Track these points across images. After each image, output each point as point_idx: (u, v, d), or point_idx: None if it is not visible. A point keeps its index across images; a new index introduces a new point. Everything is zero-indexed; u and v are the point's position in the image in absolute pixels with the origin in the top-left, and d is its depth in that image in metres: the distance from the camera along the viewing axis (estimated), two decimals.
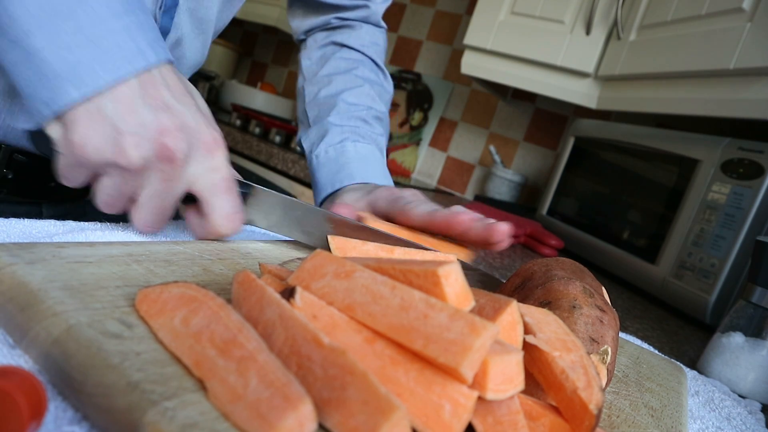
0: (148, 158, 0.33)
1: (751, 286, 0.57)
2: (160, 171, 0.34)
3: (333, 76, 0.65)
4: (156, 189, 0.34)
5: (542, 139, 1.67)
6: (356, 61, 0.67)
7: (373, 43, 0.70)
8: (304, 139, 0.64)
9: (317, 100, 0.65)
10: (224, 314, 0.22)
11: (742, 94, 0.81)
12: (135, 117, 0.32)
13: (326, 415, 0.19)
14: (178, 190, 0.35)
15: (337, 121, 0.61)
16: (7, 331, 0.23)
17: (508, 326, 0.25)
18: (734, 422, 0.43)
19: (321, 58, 0.68)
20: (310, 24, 0.70)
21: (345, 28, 0.69)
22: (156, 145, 0.33)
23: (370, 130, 0.62)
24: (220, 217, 0.37)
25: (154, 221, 0.36)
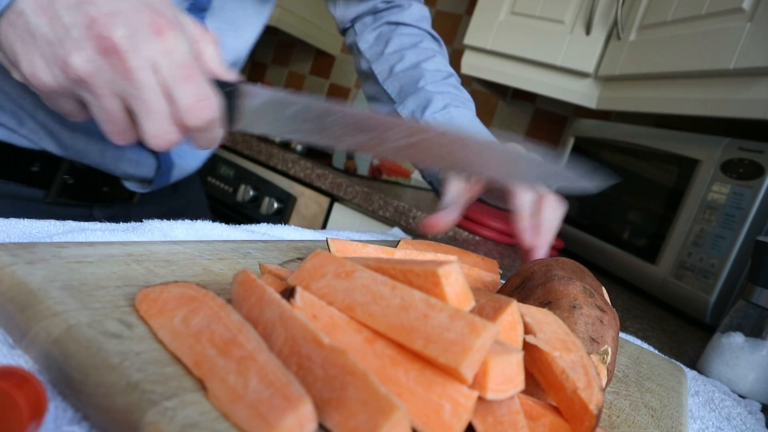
0: (93, 59, 0.30)
1: (751, 286, 0.57)
2: (113, 69, 0.30)
3: (402, 51, 0.67)
4: (127, 90, 0.31)
5: (542, 139, 1.67)
6: (418, 35, 0.69)
7: (423, 17, 0.72)
8: (401, 110, 0.64)
9: (395, 74, 0.66)
10: (224, 314, 0.22)
11: (742, 94, 0.81)
12: (56, 19, 0.30)
13: (326, 415, 0.19)
14: (148, 79, 0.31)
15: (434, 89, 0.62)
16: (7, 331, 0.23)
17: (508, 326, 0.25)
18: (734, 422, 0.43)
19: (379, 37, 0.69)
20: (356, 11, 0.71)
21: (393, 8, 0.71)
22: (92, 39, 0.29)
23: (462, 95, 0.64)
24: (187, 107, 0.32)
25: (156, 128, 0.32)
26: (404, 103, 0.64)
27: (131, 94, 0.31)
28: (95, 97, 0.31)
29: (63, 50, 0.29)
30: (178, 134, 0.33)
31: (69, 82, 0.30)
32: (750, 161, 0.78)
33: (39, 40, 0.30)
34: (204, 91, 0.33)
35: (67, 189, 0.52)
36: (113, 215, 0.58)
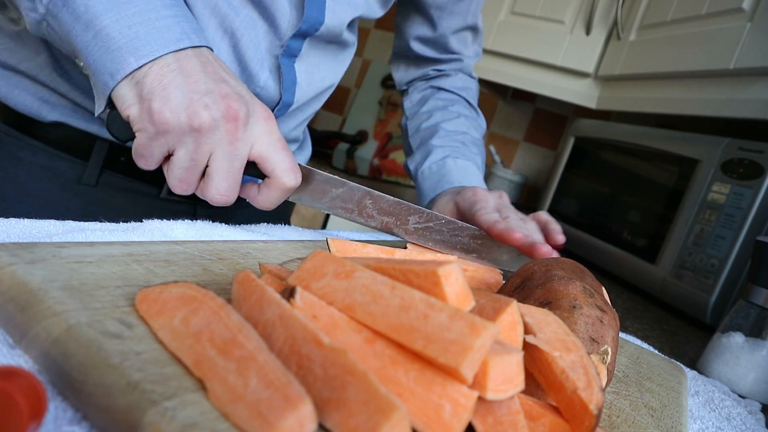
0: (216, 119, 0.37)
1: (751, 286, 0.57)
2: (226, 132, 0.38)
3: (432, 111, 0.76)
4: (225, 151, 0.38)
5: (542, 139, 1.67)
6: (452, 100, 0.79)
7: (466, 87, 0.82)
8: (410, 163, 0.75)
9: (419, 131, 0.76)
10: (224, 314, 0.22)
11: (742, 94, 0.81)
12: (201, 85, 0.38)
13: (326, 415, 0.19)
14: (244, 150, 0.39)
15: (439, 143, 0.71)
16: (7, 331, 0.23)
17: (508, 326, 0.25)
18: (734, 422, 0.43)
19: (421, 100, 0.80)
20: (411, 76, 0.82)
21: (441, 76, 0.81)
22: (222, 107, 0.38)
23: (467, 150, 0.72)
24: (283, 170, 0.41)
25: (227, 188, 0.40)
26: (413, 156, 0.74)
27: (225, 155, 0.39)
28: (197, 146, 0.38)
29: (197, 103, 0.37)
30: (234, 197, 0.41)
31: (186, 127, 0.37)
32: (750, 161, 0.78)
33: (179, 90, 0.37)
34: (294, 161, 0.42)
35: None
36: (213, 214, 0.65)
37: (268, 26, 0.52)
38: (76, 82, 0.53)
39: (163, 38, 0.38)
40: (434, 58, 0.80)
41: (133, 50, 0.37)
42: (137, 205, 0.59)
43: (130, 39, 0.37)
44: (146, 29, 0.37)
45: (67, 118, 0.54)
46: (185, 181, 0.39)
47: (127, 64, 0.37)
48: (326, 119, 2.11)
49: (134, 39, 0.37)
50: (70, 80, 0.53)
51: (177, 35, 0.38)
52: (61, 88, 0.53)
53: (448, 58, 0.80)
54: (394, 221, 0.48)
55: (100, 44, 0.37)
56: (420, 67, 0.81)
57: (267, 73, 0.54)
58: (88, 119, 0.54)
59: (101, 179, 0.57)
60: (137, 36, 0.37)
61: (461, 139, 0.72)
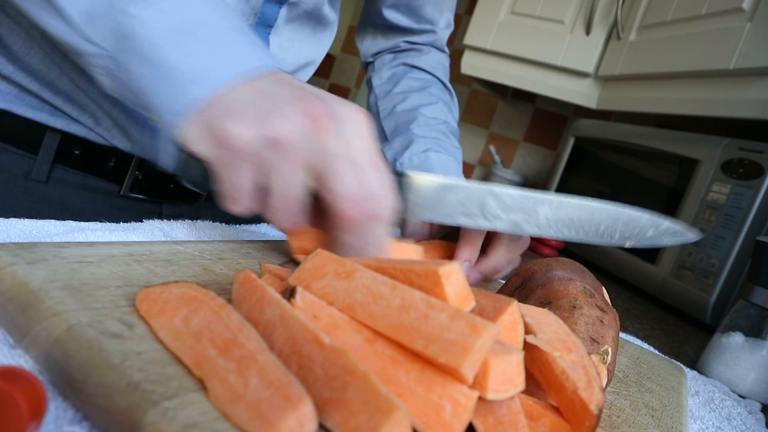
0: (298, 123, 0.31)
1: (751, 286, 0.57)
2: (316, 131, 0.31)
3: (408, 93, 0.70)
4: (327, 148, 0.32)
5: (542, 139, 1.67)
6: (427, 81, 0.72)
7: (440, 64, 0.75)
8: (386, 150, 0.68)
9: (394, 114, 0.69)
10: (225, 314, 0.22)
11: (742, 94, 0.81)
12: (276, 98, 0.32)
13: (327, 415, 0.19)
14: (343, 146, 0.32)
15: (420, 132, 0.65)
16: (7, 331, 0.23)
17: (508, 326, 0.25)
18: (734, 422, 0.43)
19: (392, 77, 0.73)
20: (379, 47, 0.76)
21: (413, 51, 0.75)
22: (300, 108, 0.32)
23: (449, 143, 0.66)
24: (371, 196, 0.32)
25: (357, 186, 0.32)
26: (391, 143, 0.67)
27: (325, 163, 0.32)
28: (284, 160, 0.31)
29: (271, 113, 0.31)
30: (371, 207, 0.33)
31: (266, 140, 0.31)
32: (750, 161, 0.78)
33: (249, 107, 0.32)
34: (390, 182, 0.33)
35: (138, 184, 0.56)
36: (181, 214, 0.61)
37: None
38: (21, 62, 0.47)
39: (230, 63, 0.33)
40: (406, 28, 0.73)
41: (198, 79, 0.33)
42: (94, 204, 0.54)
43: (197, 69, 0.33)
44: (212, 57, 0.33)
45: (10, 105, 0.48)
46: (291, 209, 0.33)
47: (190, 93, 0.32)
48: None
49: (201, 68, 0.33)
50: (14, 60, 0.47)
51: (246, 57, 0.34)
52: (2, 70, 0.47)
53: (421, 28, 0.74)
54: (523, 217, 0.41)
55: (159, 76, 0.33)
56: (389, 37, 0.75)
57: None
58: (35, 107, 0.49)
59: (52, 175, 0.51)
60: (204, 65, 0.33)
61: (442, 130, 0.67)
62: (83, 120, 0.51)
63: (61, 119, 0.50)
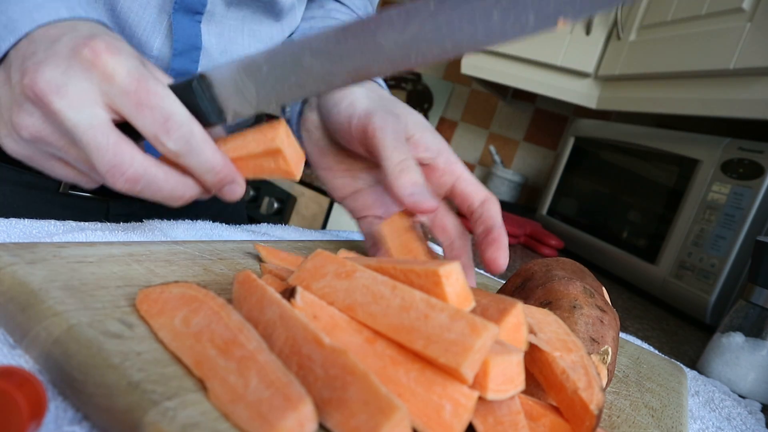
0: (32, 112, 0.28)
1: (751, 286, 0.57)
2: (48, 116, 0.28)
3: (331, 10, 0.62)
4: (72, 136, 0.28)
5: (542, 139, 1.67)
6: (353, 15, 0.65)
7: (365, 6, 0.67)
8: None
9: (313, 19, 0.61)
10: (225, 314, 0.22)
11: (742, 94, 0.81)
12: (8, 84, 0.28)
13: (327, 415, 0.19)
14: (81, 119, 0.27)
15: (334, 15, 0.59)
16: (7, 331, 0.23)
17: (513, 328, 0.25)
18: (734, 422, 0.43)
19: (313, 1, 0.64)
20: None
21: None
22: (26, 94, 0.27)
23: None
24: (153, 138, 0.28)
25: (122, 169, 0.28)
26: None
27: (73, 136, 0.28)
28: (60, 150, 0.29)
29: (9, 113, 0.28)
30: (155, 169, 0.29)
31: (28, 143, 0.28)
32: (750, 161, 0.78)
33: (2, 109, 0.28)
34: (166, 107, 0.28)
35: None
36: (131, 213, 0.56)
37: None
38: None
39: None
40: None
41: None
42: (32, 203, 0.49)
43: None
44: None
45: None
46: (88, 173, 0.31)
47: None
48: None
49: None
50: None
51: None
52: None
53: None
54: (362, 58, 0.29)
55: None
56: None
57: (161, 37, 0.43)
58: None
59: None
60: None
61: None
62: None
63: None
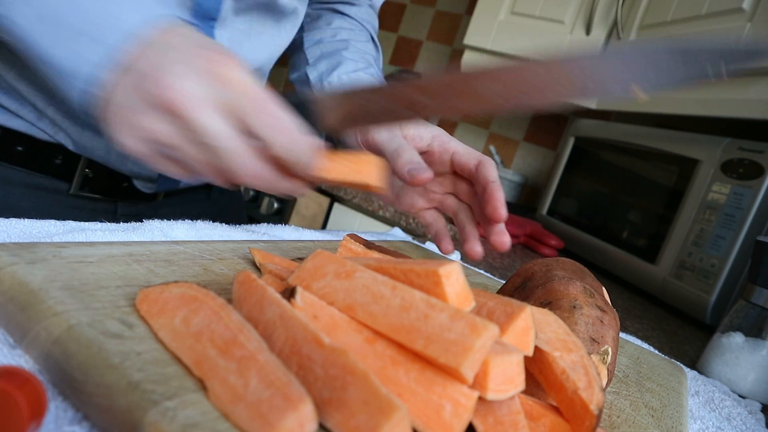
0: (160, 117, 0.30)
1: (751, 286, 0.57)
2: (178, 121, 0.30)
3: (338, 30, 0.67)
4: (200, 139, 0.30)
5: (542, 139, 1.67)
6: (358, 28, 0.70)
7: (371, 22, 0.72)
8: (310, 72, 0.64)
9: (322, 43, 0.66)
10: (225, 314, 0.22)
11: (742, 94, 0.81)
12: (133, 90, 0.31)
13: (327, 415, 0.19)
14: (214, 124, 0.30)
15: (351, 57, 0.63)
16: (7, 331, 0.23)
17: (521, 332, 0.25)
18: (734, 422, 0.43)
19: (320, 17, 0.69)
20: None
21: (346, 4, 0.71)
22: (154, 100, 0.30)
23: (377, 72, 0.64)
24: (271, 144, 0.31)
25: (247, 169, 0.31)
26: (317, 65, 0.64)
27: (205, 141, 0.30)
28: (179, 151, 0.31)
29: (136, 116, 0.30)
30: (271, 170, 0.32)
31: (148, 144, 0.31)
32: (750, 161, 0.78)
33: (121, 109, 0.31)
34: (281, 118, 0.31)
35: (88, 182, 0.53)
36: (138, 213, 0.57)
37: None
38: None
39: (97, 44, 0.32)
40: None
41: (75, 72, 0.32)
42: (41, 204, 0.50)
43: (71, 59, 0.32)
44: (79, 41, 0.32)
45: None
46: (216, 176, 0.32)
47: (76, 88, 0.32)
48: None
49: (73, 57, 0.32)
50: None
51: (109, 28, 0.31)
52: None
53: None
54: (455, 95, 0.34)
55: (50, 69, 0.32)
56: None
57: None
58: None
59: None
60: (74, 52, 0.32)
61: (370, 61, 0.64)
62: (24, 114, 0.48)
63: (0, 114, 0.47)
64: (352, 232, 0.37)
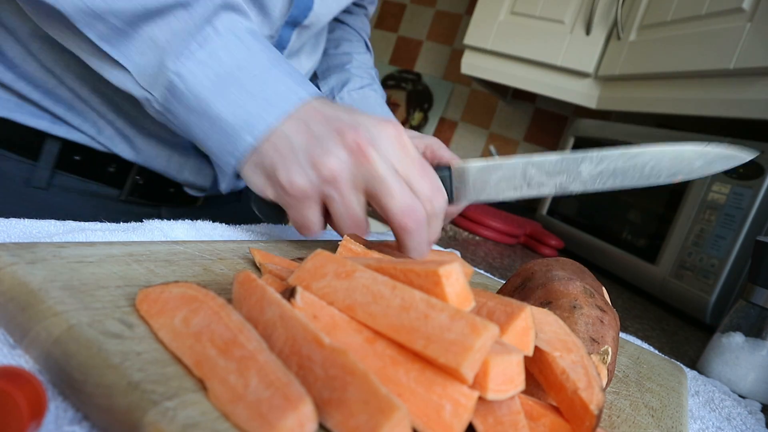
0: (342, 158, 0.36)
1: (751, 286, 0.57)
2: (360, 162, 0.36)
3: (340, 41, 0.74)
4: (371, 175, 0.36)
5: (542, 139, 1.67)
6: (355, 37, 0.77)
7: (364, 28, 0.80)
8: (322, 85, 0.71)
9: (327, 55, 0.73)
10: (225, 314, 0.22)
11: (742, 94, 0.81)
12: (311, 133, 0.36)
13: (327, 415, 0.19)
14: (386, 167, 0.36)
15: (356, 72, 0.70)
16: (7, 331, 0.23)
17: (521, 332, 0.25)
18: (734, 422, 0.43)
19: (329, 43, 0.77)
20: None
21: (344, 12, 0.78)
22: (342, 142, 0.36)
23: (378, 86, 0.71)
24: (425, 199, 0.37)
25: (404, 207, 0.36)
26: (327, 79, 0.71)
27: (375, 185, 0.36)
28: (340, 191, 0.36)
29: (317, 154, 0.36)
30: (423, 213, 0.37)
31: (320, 180, 0.36)
32: (750, 161, 0.78)
33: (297, 151, 0.36)
34: (436, 181, 0.38)
35: (138, 188, 0.56)
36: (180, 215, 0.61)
37: (257, 14, 0.49)
38: (19, 69, 0.47)
39: (272, 106, 0.37)
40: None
41: (247, 128, 0.37)
42: (95, 209, 0.54)
43: (243, 118, 0.37)
44: (255, 103, 0.37)
45: (11, 114, 0.49)
46: (356, 225, 0.38)
47: (244, 142, 0.37)
48: None
49: (247, 116, 0.37)
50: (12, 67, 0.47)
51: (284, 95, 0.38)
52: (2, 78, 0.47)
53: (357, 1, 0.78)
54: (566, 178, 0.43)
55: (217, 130, 0.37)
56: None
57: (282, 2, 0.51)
58: (36, 114, 0.49)
59: (53, 181, 0.51)
60: (249, 113, 0.37)
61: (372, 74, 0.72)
62: (85, 129, 0.51)
63: (62, 127, 0.50)
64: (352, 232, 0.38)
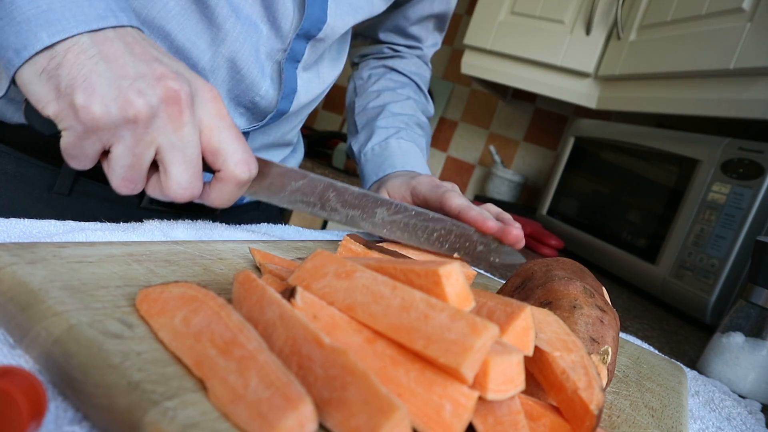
0: (154, 105, 0.32)
1: (751, 286, 0.57)
2: (169, 118, 0.33)
3: (381, 91, 0.75)
4: (172, 140, 0.34)
5: (542, 139, 1.67)
6: (402, 83, 0.78)
7: (419, 72, 0.80)
8: (353, 144, 0.72)
9: (366, 110, 0.74)
10: (225, 314, 0.22)
11: (742, 94, 0.81)
12: (130, 69, 0.32)
13: (327, 415, 0.19)
14: (194, 136, 0.34)
15: (383, 124, 0.70)
16: (7, 331, 0.23)
17: (521, 332, 0.25)
18: (734, 422, 0.43)
19: (370, 77, 0.78)
20: (365, 51, 0.81)
21: (396, 57, 0.79)
22: (159, 89, 0.32)
23: (411, 131, 0.70)
24: (236, 162, 0.36)
25: (188, 180, 0.35)
26: (358, 136, 0.72)
27: (174, 144, 0.34)
28: (135, 138, 0.33)
29: (128, 90, 0.32)
30: (200, 188, 0.36)
31: (120, 117, 0.32)
32: (750, 161, 0.78)
33: (104, 78, 0.32)
34: (248, 150, 0.37)
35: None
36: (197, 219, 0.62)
37: (269, 28, 0.50)
38: None
39: (82, 14, 0.32)
40: (394, 43, 0.79)
41: (45, 24, 0.31)
42: (116, 215, 0.55)
43: (43, 11, 0.31)
44: (63, 2, 0.32)
45: None
46: (129, 179, 0.35)
47: (37, 39, 0.31)
48: (326, 119, 2.11)
49: (47, 11, 0.31)
50: None
51: (100, 12, 0.33)
52: None
53: (407, 44, 0.79)
54: (360, 214, 0.45)
55: (6, 14, 0.31)
56: (376, 44, 0.80)
57: (268, 81, 0.52)
58: None
59: (75, 187, 0.52)
60: (51, 8, 0.31)
61: (405, 120, 0.71)
62: None
63: None
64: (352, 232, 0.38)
